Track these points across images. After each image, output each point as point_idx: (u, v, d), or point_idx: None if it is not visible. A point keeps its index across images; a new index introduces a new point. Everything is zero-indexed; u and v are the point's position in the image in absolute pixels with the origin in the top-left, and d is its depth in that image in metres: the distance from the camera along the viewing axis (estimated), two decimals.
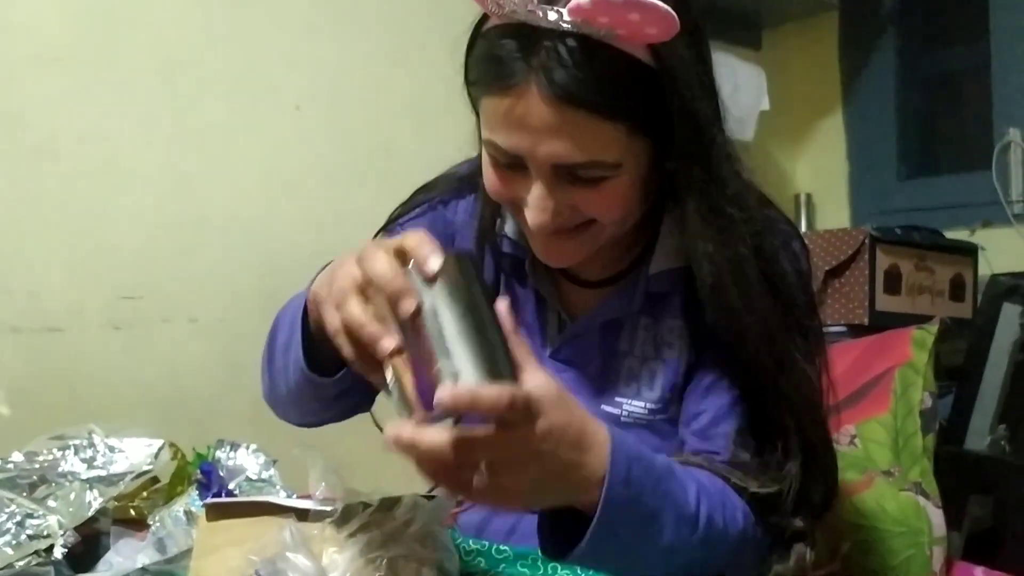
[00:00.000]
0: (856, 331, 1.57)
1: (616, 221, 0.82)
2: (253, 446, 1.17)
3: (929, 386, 1.36)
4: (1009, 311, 1.49)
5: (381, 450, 0.60)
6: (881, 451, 1.32)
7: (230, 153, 1.60)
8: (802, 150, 2.54)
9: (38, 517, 1.13)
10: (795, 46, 2.50)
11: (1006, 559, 1.35)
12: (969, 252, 1.82)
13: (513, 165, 0.79)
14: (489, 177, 0.83)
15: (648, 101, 0.75)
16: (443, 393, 0.56)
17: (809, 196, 2.45)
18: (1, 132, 1.39)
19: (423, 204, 1.02)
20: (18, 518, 1.12)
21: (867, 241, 1.63)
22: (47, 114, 1.43)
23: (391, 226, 1.03)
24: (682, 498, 0.74)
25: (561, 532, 0.70)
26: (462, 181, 0.99)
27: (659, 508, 0.72)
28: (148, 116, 1.52)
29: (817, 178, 2.50)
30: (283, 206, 1.65)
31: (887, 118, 2.40)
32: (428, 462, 0.60)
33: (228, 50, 1.60)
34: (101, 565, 1.10)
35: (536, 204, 0.78)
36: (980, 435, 1.43)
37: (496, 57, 0.75)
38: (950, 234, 1.88)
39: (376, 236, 1.03)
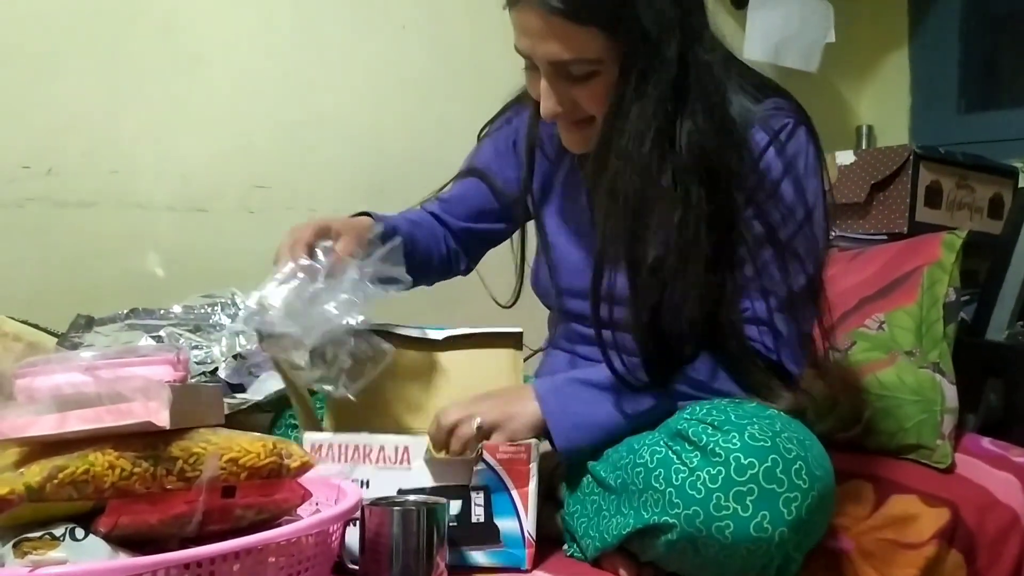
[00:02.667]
0: (896, 239, 1.72)
1: (605, 111, 1.01)
2: None
3: (954, 282, 1.53)
4: None
5: None
6: (905, 335, 1.50)
7: (345, 64, 1.82)
8: (866, 82, 2.65)
9: (202, 348, 1.41)
10: None
11: (1015, 437, 1.53)
12: (1010, 174, 1.96)
13: (533, 66, 1.02)
14: (528, 85, 1.06)
15: (617, 10, 0.94)
16: None
17: (871, 128, 2.57)
18: (160, 42, 1.64)
19: (502, 116, 1.29)
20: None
21: (911, 158, 1.79)
22: (198, 25, 1.68)
23: (482, 134, 1.32)
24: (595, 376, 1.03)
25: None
26: (525, 95, 1.21)
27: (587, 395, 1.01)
28: (278, 29, 1.76)
29: (879, 110, 2.62)
30: (389, 112, 1.87)
31: (951, 54, 2.50)
32: None
33: None
34: (250, 390, 1.38)
35: (542, 95, 1.02)
36: (999, 329, 1.60)
37: None
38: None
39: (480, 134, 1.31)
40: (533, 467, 1.00)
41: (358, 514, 0.90)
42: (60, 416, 0.76)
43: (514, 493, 0.99)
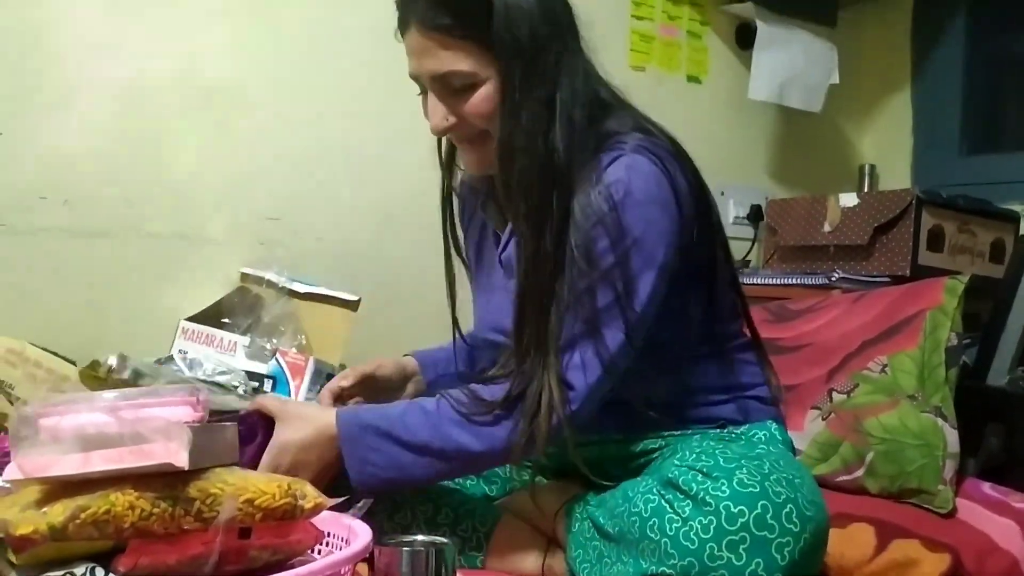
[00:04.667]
0: (899, 282, 1.75)
1: (493, 126, 1.05)
2: None
3: (956, 327, 1.54)
4: None
5: None
6: (908, 379, 1.51)
7: (356, 98, 1.85)
8: (868, 123, 2.69)
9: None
10: (869, 25, 2.64)
11: (1016, 481, 1.54)
12: (1012, 219, 1.99)
13: (423, 90, 1.09)
14: (422, 106, 1.11)
15: (487, 25, 1.01)
16: None
17: (873, 167, 2.60)
18: (175, 75, 1.67)
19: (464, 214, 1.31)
20: None
21: (914, 202, 1.81)
22: (214, 60, 1.71)
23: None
24: (406, 435, 1.03)
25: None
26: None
27: (389, 451, 1.03)
28: (289, 64, 1.79)
29: (882, 150, 2.65)
30: (398, 145, 1.89)
31: (953, 96, 2.53)
32: None
33: (357, 13, 1.85)
34: None
35: (430, 111, 1.08)
36: (1000, 374, 1.62)
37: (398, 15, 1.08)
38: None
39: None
40: None
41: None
42: (84, 456, 0.77)
43: None
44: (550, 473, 1.22)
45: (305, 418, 1.06)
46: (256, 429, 1.06)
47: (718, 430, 1.12)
